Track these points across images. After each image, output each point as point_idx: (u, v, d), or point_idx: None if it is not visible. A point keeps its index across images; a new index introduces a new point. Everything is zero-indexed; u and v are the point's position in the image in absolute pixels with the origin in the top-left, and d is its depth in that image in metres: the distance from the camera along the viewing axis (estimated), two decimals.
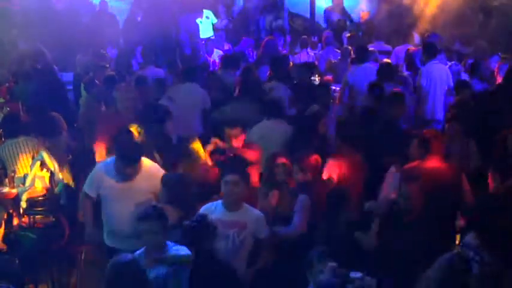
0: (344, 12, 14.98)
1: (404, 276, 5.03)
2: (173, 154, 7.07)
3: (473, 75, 9.24)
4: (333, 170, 6.60)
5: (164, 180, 5.92)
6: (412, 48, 11.24)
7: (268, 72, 10.29)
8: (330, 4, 15.43)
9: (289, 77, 9.75)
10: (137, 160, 6.00)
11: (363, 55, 10.19)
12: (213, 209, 5.65)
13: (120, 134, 7.15)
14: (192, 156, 7.09)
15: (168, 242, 5.04)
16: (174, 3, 14.63)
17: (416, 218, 5.61)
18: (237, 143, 7.00)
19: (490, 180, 6.42)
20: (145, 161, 6.13)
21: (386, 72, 9.11)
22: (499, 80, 9.71)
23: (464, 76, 9.84)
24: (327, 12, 15.21)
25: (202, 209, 5.66)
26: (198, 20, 14.14)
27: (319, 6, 15.53)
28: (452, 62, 10.43)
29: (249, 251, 5.65)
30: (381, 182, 6.55)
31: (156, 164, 6.33)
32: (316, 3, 15.60)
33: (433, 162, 6.20)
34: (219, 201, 5.72)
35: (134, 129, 7.38)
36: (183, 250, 5.01)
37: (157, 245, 4.99)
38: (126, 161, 5.94)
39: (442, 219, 5.84)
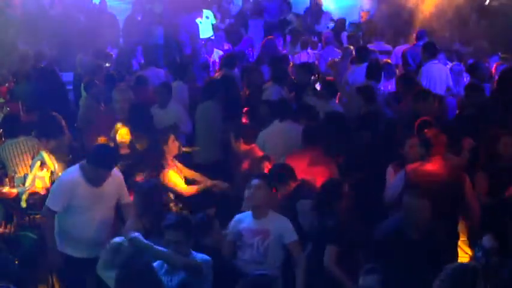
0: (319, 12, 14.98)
1: (406, 280, 5.02)
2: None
3: (473, 76, 9.23)
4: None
5: (136, 188, 5.87)
6: (406, 48, 11.29)
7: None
8: (331, 4, 15.43)
9: (287, 77, 9.76)
10: (115, 165, 6.04)
11: (362, 55, 10.20)
12: (243, 219, 5.67)
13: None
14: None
15: (193, 251, 4.93)
16: (174, 3, 14.67)
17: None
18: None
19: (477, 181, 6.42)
20: None
21: (375, 71, 9.11)
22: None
23: (466, 76, 9.82)
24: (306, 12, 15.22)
25: (234, 220, 5.67)
26: (197, 20, 14.15)
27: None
28: (455, 63, 10.41)
29: (281, 259, 5.59)
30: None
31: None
32: None
33: (436, 163, 6.17)
34: (250, 211, 5.72)
35: (126, 129, 7.39)
36: (202, 258, 4.90)
37: (183, 252, 4.86)
38: (109, 167, 5.92)
39: (444, 221, 5.84)
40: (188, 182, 7.21)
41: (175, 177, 7.03)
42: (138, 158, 7.16)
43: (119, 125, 7.55)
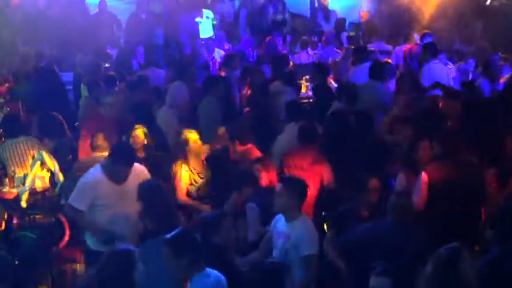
0: (327, 12, 14.97)
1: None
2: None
3: (484, 75, 9.22)
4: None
5: (139, 189, 5.75)
6: (407, 47, 11.29)
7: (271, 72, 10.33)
8: (331, 4, 15.41)
9: (292, 78, 9.75)
10: (134, 161, 6.05)
11: (361, 56, 10.18)
12: (280, 219, 5.57)
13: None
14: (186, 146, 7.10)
15: (209, 270, 4.59)
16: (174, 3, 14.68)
17: (439, 219, 5.65)
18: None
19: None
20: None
21: (378, 71, 9.11)
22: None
23: (471, 76, 9.82)
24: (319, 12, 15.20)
25: (275, 218, 5.61)
26: (198, 20, 14.15)
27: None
28: (462, 63, 10.40)
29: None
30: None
31: (142, 166, 6.29)
32: (316, 3, 15.60)
33: (455, 162, 6.14)
34: None
35: (141, 131, 7.39)
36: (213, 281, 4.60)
37: (178, 271, 4.59)
38: (127, 163, 5.95)
39: (465, 218, 5.85)
40: None
41: (185, 176, 7.05)
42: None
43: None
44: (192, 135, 7.18)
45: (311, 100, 10.07)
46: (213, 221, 5.23)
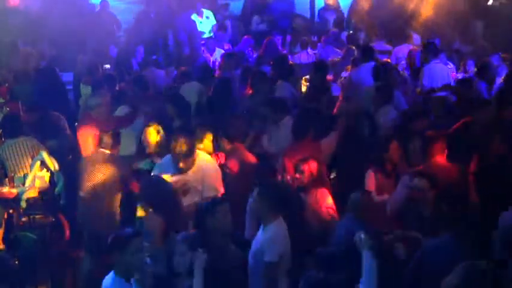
0: (339, 11, 14.94)
1: None
2: None
3: (481, 77, 9.22)
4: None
5: (140, 185, 5.87)
6: (414, 48, 11.27)
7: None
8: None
9: (289, 72, 9.74)
10: (189, 155, 6.27)
11: (367, 54, 10.16)
12: None
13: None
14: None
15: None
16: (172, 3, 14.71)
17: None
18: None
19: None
20: (201, 156, 6.44)
21: (382, 72, 9.10)
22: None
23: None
24: (321, 12, 15.17)
25: None
26: (198, 20, 14.15)
27: (319, 6, 15.55)
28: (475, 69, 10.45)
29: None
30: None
31: (212, 160, 6.60)
32: (316, 3, 15.61)
33: (440, 165, 6.16)
34: None
35: (154, 128, 7.37)
36: None
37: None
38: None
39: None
40: None
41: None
42: None
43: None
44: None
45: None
46: (207, 207, 5.27)
